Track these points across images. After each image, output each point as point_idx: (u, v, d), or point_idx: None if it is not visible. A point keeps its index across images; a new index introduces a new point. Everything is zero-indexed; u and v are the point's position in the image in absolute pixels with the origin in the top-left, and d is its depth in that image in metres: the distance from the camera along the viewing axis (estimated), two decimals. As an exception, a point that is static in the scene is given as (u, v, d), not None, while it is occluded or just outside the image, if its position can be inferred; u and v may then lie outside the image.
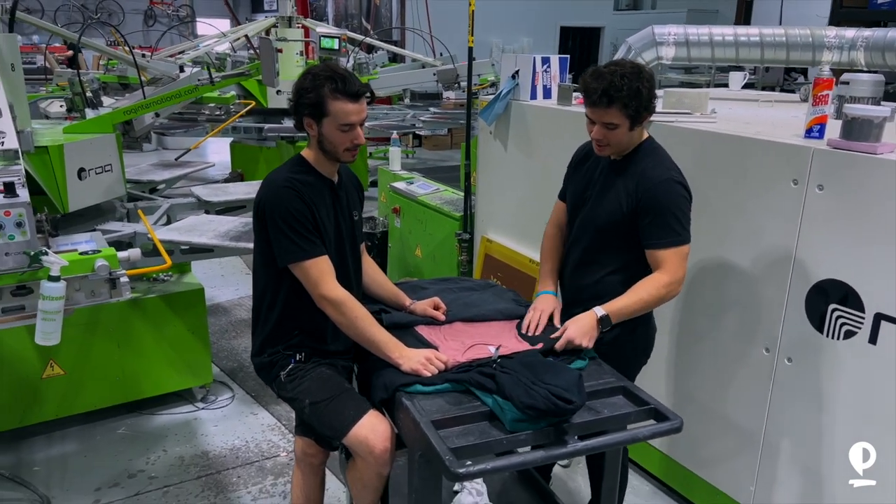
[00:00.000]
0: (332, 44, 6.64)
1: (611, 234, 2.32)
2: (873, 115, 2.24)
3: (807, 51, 3.89)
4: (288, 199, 2.06)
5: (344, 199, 2.27)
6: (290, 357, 2.23)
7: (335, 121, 2.06)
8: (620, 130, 2.19)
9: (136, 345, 3.53)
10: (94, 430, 3.56)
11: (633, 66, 2.16)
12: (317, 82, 2.03)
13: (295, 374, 2.22)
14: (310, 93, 2.04)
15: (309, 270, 2.08)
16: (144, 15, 19.39)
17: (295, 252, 2.07)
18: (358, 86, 2.06)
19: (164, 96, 3.70)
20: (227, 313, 5.14)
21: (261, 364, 2.28)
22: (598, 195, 2.37)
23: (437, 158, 11.10)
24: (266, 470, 3.31)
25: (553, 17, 15.00)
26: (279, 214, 2.06)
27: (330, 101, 2.03)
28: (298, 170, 2.17)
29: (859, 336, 2.31)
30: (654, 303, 2.23)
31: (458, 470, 1.64)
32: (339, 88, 2.02)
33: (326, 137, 2.09)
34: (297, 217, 2.06)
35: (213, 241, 3.34)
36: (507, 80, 3.77)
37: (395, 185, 4.97)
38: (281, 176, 2.13)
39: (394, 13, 13.95)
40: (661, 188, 2.21)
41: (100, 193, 3.55)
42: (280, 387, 2.25)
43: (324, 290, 2.09)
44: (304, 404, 2.19)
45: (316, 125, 2.09)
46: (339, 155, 2.14)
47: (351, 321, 2.11)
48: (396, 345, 2.11)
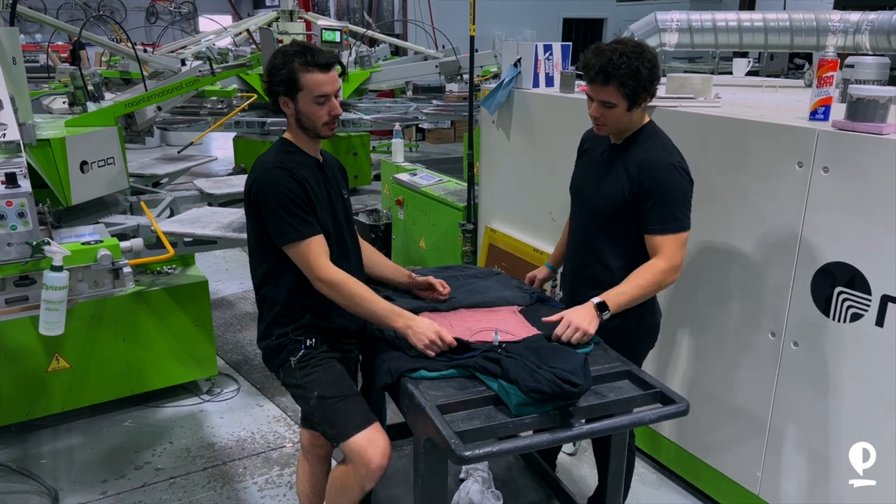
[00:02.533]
0: (333, 36, 6.64)
1: (612, 221, 2.30)
2: (879, 95, 2.21)
3: (811, 35, 3.86)
4: (280, 180, 2.06)
5: (332, 177, 2.28)
6: (300, 342, 2.20)
7: (309, 94, 2.06)
8: (618, 110, 2.17)
9: (141, 338, 3.54)
10: (100, 422, 3.56)
11: (635, 46, 2.13)
12: (286, 59, 2.04)
13: (306, 362, 2.19)
14: (281, 69, 2.04)
15: (304, 251, 2.07)
16: (146, 12, 19.41)
17: (289, 232, 2.06)
18: (327, 57, 2.07)
19: (166, 88, 3.70)
20: (231, 307, 5.14)
21: (269, 348, 2.25)
22: (597, 180, 2.35)
23: (441, 151, 11.09)
24: (272, 461, 3.31)
25: (556, 8, 14.93)
26: (273, 196, 2.05)
27: (301, 74, 2.04)
28: (286, 150, 2.16)
29: (866, 318, 2.29)
30: (652, 290, 2.20)
31: (463, 453, 1.64)
32: (309, 61, 2.03)
33: (304, 113, 2.09)
34: (290, 197, 2.05)
35: (216, 233, 3.34)
36: (509, 68, 3.75)
37: (398, 177, 4.96)
38: (270, 158, 2.13)
39: (395, 6, 13.91)
40: (664, 173, 2.18)
41: (102, 186, 3.55)
42: (288, 373, 2.22)
43: (319, 273, 2.08)
44: (312, 395, 2.16)
45: (292, 102, 2.09)
46: (318, 130, 2.13)
47: (349, 299, 2.10)
48: (400, 314, 2.10)
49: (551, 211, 3.57)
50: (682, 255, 2.20)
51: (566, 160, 2.62)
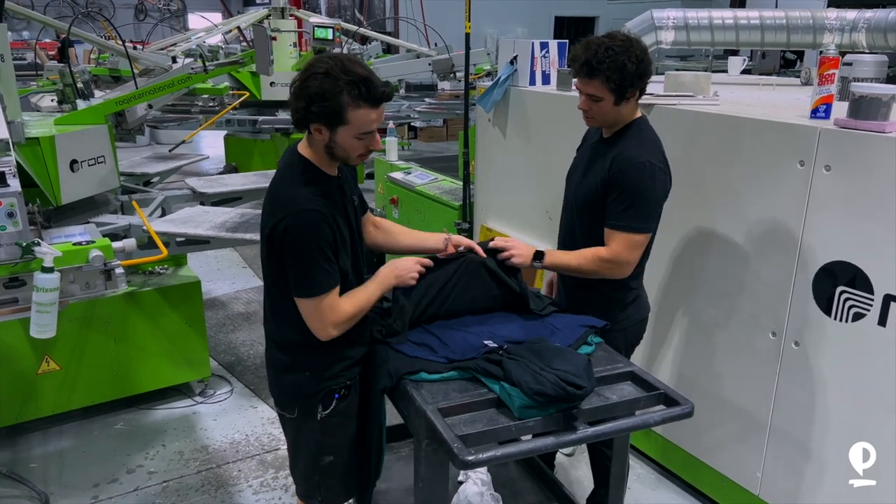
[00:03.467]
0: (325, 34, 6.59)
1: (588, 213, 2.29)
2: (881, 93, 2.20)
3: (807, 33, 3.85)
4: (314, 227, 1.82)
5: (348, 191, 2.04)
6: (333, 393, 2.04)
7: (355, 130, 1.81)
8: (605, 104, 2.15)
9: (132, 339, 3.49)
10: (91, 425, 3.51)
11: (623, 40, 2.10)
12: (335, 87, 1.74)
13: (333, 416, 2.05)
14: (325, 100, 1.75)
15: (322, 304, 1.89)
16: (135, 9, 19.26)
17: (313, 286, 1.87)
18: (382, 88, 1.79)
19: (158, 86, 3.64)
20: (224, 307, 5.09)
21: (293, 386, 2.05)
22: (583, 174, 2.35)
23: (434, 150, 11.04)
24: (267, 463, 3.27)
25: (548, 6, 14.93)
26: (304, 245, 1.83)
27: (351, 109, 1.77)
28: (309, 175, 1.90)
29: (868, 318, 2.27)
30: (586, 272, 2.25)
31: (466, 458, 1.61)
32: (363, 95, 1.76)
33: (339, 145, 1.84)
34: (321, 247, 1.84)
35: (209, 233, 3.28)
36: (505, 65, 3.72)
37: (392, 176, 4.92)
38: (300, 195, 1.85)
39: (387, 4, 13.86)
40: (633, 170, 2.15)
41: (93, 185, 3.49)
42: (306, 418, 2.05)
43: (336, 319, 1.92)
44: (325, 460, 2.09)
45: (328, 131, 1.82)
46: (350, 160, 1.91)
47: (359, 314, 1.99)
48: (380, 281, 2.07)
49: (548, 210, 3.54)
50: (631, 255, 2.20)
51: (563, 158, 2.59)
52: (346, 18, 13.10)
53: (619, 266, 2.20)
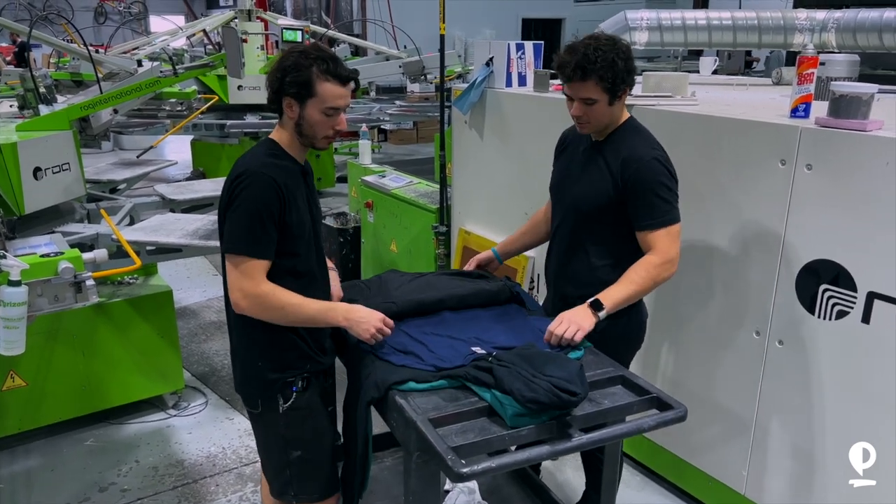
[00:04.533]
0: (294, 36, 6.50)
1: (595, 220, 2.26)
2: (861, 91, 2.21)
3: (778, 33, 3.89)
4: (263, 187, 1.89)
5: (312, 185, 2.14)
6: (291, 385, 2.05)
7: (321, 103, 1.92)
8: (599, 105, 2.13)
9: (101, 352, 3.37)
10: (59, 442, 3.38)
11: (608, 39, 2.10)
12: (306, 61, 1.89)
13: (295, 410, 2.06)
14: (297, 71, 1.89)
15: (247, 268, 1.90)
16: (95, 12, 18.84)
17: (242, 245, 1.89)
18: (348, 70, 1.95)
19: (125, 90, 3.53)
20: (195, 316, 4.97)
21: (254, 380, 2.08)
22: (580, 178, 2.30)
23: (405, 153, 10.98)
24: (245, 476, 3.18)
25: (515, 9, 14.99)
26: (247, 199, 1.88)
27: (319, 81, 1.90)
28: (273, 153, 1.99)
29: (852, 315, 2.28)
30: (648, 286, 2.15)
31: (462, 470, 1.56)
32: (330, 70, 1.90)
33: (307, 120, 1.94)
34: (262, 210, 1.88)
35: (182, 241, 3.19)
36: (481, 67, 3.69)
37: (366, 179, 4.85)
38: (256, 161, 1.95)
39: (354, 6, 13.76)
40: (648, 168, 2.14)
41: (58, 194, 3.37)
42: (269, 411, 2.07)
43: (253, 289, 1.91)
44: (293, 455, 2.08)
45: (298, 106, 1.93)
46: (316, 141, 1.99)
47: (280, 310, 1.95)
48: (335, 308, 2.01)
49: (527, 212, 3.50)
50: (677, 247, 2.17)
51: (541, 159, 2.57)
52: (312, 21, 12.96)
53: (673, 263, 2.15)
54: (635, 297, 2.16)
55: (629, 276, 2.15)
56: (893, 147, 2.12)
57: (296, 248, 2.00)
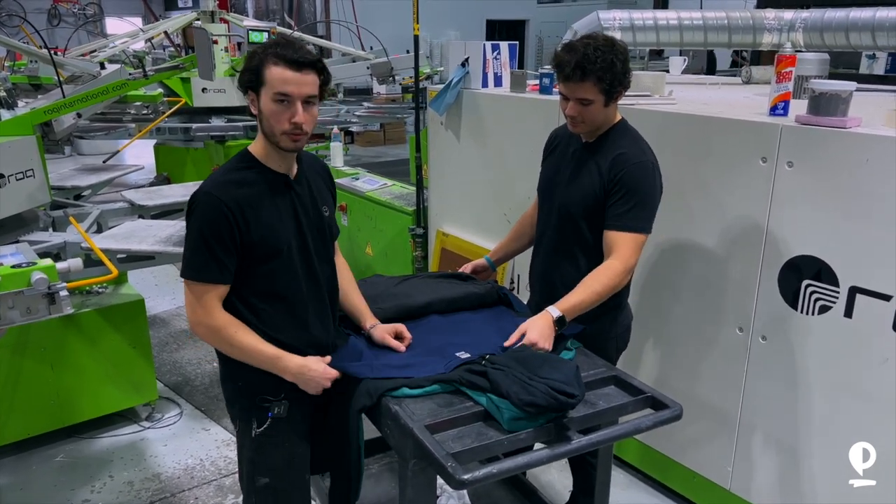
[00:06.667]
0: (260, 38, 6.36)
1: (584, 221, 2.24)
2: (841, 89, 2.24)
3: (748, 33, 3.95)
4: (207, 208, 1.81)
5: (306, 194, 1.97)
6: (266, 410, 1.97)
7: (270, 89, 1.79)
8: (595, 106, 2.11)
9: (71, 364, 3.26)
10: (28, 459, 3.25)
11: (606, 39, 2.08)
12: (261, 50, 1.82)
13: (267, 437, 1.98)
14: (251, 60, 1.82)
15: (198, 293, 1.85)
16: (48, 14, 18.29)
17: (193, 269, 1.84)
18: (302, 53, 1.80)
19: (91, 93, 3.42)
20: (166, 325, 4.84)
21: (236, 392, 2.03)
22: (569, 179, 2.29)
23: (372, 155, 10.92)
24: (226, 488, 3.10)
25: (480, 10, 15.03)
26: (194, 223, 1.84)
27: (267, 67, 1.78)
28: (240, 165, 1.90)
29: (834, 310, 2.32)
30: (608, 294, 2.10)
31: (463, 477, 1.53)
32: (279, 54, 1.78)
33: (264, 113, 1.83)
34: (208, 232, 1.81)
35: (155, 248, 3.10)
36: (457, 68, 3.66)
37: (339, 182, 4.78)
38: (213, 181, 1.87)
39: (318, 7, 13.63)
40: (636, 170, 2.13)
41: (21, 201, 3.24)
42: (244, 431, 2.02)
43: (205, 318, 1.86)
44: (260, 481, 2.01)
45: (255, 98, 1.83)
46: (276, 137, 1.83)
47: (230, 347, 1.89)
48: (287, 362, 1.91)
49: (506, 213, 3.50)
50: (637, 258, 2.13)
51: (518, 160, 2.55)
52: (276, 22, 12.80)
53: (629, 273, 2.12)
54: (594, 306, 2.10)
55: (591, 284, 2.09)
56: (872, 143, 2.16)
57: (270, 268, 1.90)
